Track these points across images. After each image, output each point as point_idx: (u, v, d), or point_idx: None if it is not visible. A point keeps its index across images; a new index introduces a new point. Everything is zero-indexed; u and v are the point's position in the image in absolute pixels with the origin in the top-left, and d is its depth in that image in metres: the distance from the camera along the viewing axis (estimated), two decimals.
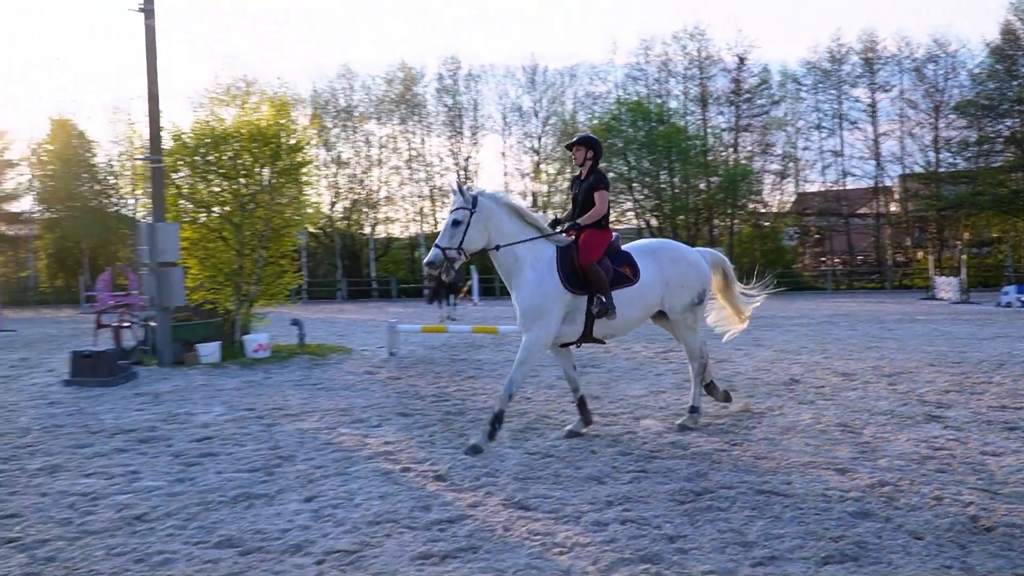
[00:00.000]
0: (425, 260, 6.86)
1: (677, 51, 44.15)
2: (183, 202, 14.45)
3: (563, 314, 6.98)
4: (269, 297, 14.70)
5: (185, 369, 12.31)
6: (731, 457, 6.35)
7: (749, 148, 44.51)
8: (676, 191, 42.47)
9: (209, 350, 13.02)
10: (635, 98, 43.57)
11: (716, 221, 43.52)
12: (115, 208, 41.76)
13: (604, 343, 7.65)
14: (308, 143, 15.63)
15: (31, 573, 4.28)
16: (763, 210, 44.57)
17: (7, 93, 66.03)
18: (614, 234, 7.41)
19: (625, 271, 7.21)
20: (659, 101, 43.84)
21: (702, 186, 42.59)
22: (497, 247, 6.94)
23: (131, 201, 39.48)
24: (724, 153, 44.16)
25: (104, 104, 77.35)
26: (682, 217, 42.69)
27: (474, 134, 45.68)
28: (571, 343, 7.31)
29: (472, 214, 6.78)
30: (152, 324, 13.28)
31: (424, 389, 10.11)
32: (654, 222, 43.29)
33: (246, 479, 5.98)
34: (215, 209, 14.38)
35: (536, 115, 45.11)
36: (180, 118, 57.19)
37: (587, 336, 7.23)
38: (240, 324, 14.18)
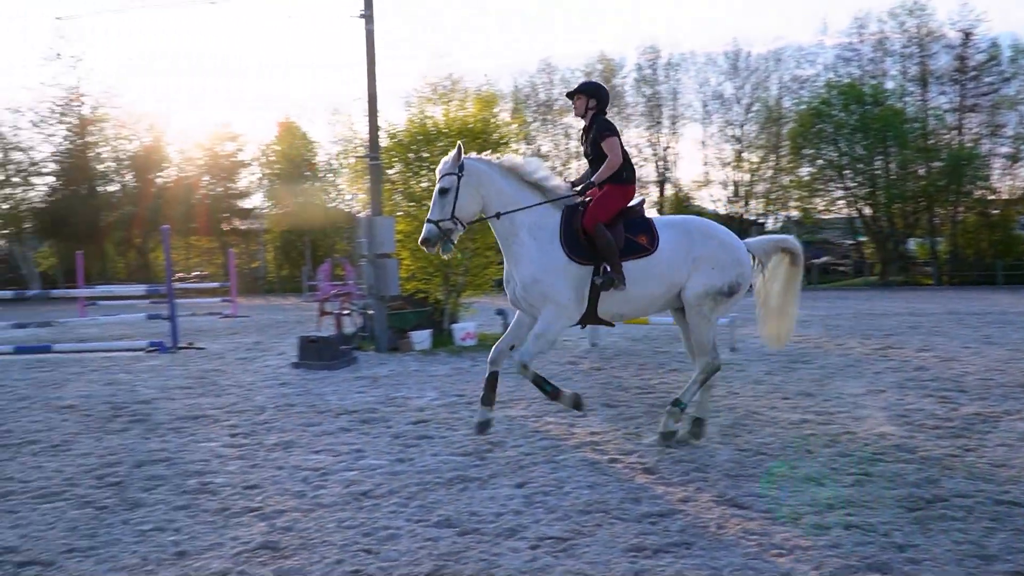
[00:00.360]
0: (420, 240, 6.45)
1: (894, 28, 41.16)
2: (397, 197, 15.22)
3: (575, 285, 6.33)
4: (475, 287, 15.17)
5: (400, 355, 12.96)
6: (965, 464, 5.88)
7: (975, 130, 40.71)
8: (892, 177, 39.72)
9: (421, 337, 13.66)
10: (847, 80, 41.11)
11: (937, 209, 40.28)
12: (334, 203, 44.59)
13: (613, 325, 6.93)
14: (512, 137, 15.97)
15: (271, 541, 4.63)
16: (991, 197, 40.71)
17: (241, 99, 72.04)
18: (639, 198, 6.70)
19: (641, 240, 6.41)
20: (874, 82, 41.10)
21: (921, 172, 39.54)
22: (498, 215, 6.48)
23: (349, 197, 42.16)
24: (947, 136, 40.66)
25: (325, 106, 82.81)
26: (898, 205, 39.89)
27: (673, 123, 44.84)
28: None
29: (460, 179, 6.37)
30: (370, 312, 14.08)
31: (627, 381, 10.08)
32: (867, 211, 40.75)
33: (460, 462, 6.20)
34: (426, 203, 15.00)
35: (738, 102, 43.68)
36: (391, 116, 60.10)
37: (591, 316, 6.48)
38: (449, 313, 14.76)
